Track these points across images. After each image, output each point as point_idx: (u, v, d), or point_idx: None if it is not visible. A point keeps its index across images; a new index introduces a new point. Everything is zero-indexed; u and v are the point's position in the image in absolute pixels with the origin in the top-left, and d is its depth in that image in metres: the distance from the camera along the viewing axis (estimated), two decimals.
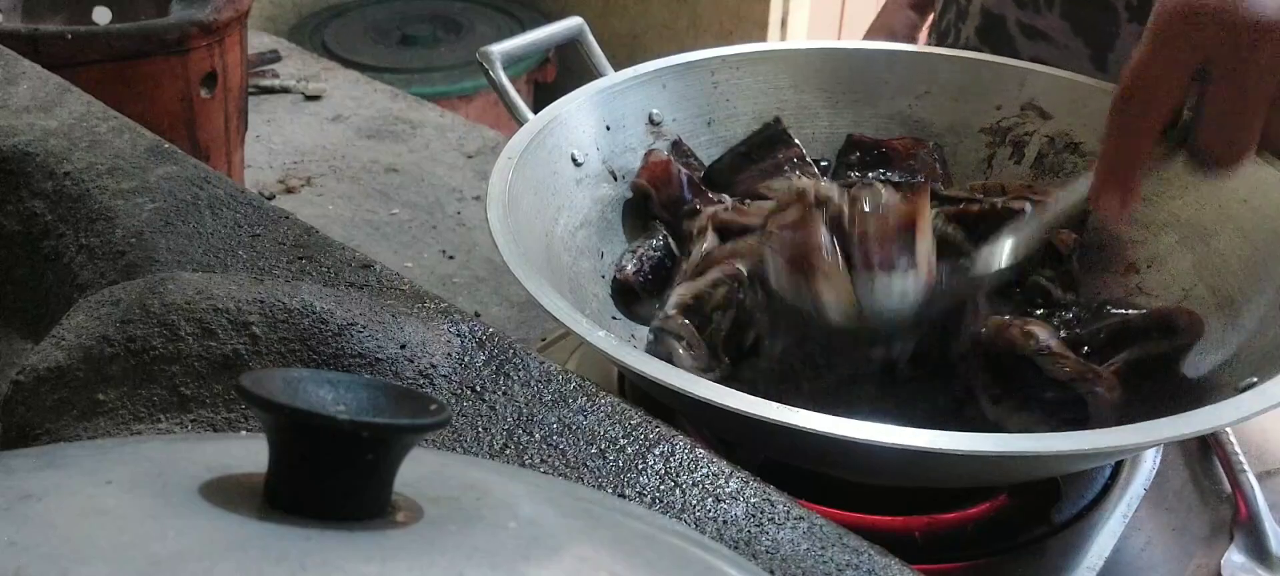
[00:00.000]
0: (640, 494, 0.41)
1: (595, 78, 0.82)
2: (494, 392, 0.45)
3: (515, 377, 0.46)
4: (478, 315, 0.66)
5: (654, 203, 0.79)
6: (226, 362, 0.43)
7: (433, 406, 0.25)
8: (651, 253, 0.75)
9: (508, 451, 0.43)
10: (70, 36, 0.77)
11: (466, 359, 0.47)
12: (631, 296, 0.74)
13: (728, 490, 0.41)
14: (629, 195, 0.80)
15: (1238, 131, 0.57)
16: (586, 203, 0.76)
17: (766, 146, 0.83)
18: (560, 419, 0.44)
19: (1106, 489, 0.65)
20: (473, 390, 0.45)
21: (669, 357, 0.63)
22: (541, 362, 0.47)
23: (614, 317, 0.74)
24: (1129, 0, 0.88)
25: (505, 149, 0.70)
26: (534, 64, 2.23)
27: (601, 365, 0.70)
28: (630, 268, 0.74)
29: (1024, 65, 0.85)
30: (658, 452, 0.43)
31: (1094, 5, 0.90)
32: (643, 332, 0.73)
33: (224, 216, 0.55)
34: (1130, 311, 0.67)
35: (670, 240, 0.77)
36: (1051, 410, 0.61)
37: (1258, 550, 0.63)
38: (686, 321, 0.66)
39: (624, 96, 0.81)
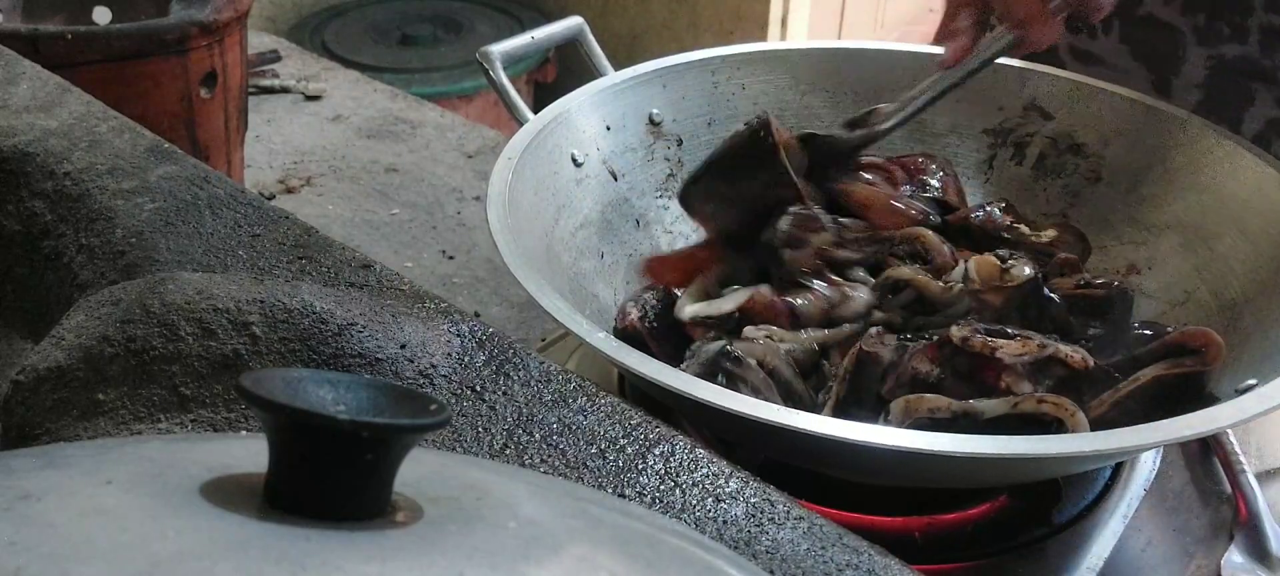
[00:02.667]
0: (640, 494, 0.41)
1: (595, 78, 0.82)
2: (494, 392, 0.45)
3: (515, 377, 0.46)
4: (478, 315, 0.66)
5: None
6: (226, 362, 0.43)
7: (433, 406, 0.25)
8: (653, 300, 0.71)
9: (508, 451, 0.43)
10: (70, 36, 0.77)
11: (466, 359, 0.47)
12: (640, 343, 0.68)
13: (728, 490, 0.41)
14: (628, 196, 0.80)
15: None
16: (586, 203, 0.76)
17: (748, 166, 0.73)
18: (560, 419, 0.44)
19: (1106, 489, 0.65)
20: (473, 390, 0.45)
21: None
22: (541, 362, 0.47)
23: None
24: (1196, 22, 0.86)
25: (505, 149, 0.70)
26: (534, 64, 2.23)
27: (601, 365, 0.70)
28: (634, 315, 0.70)
29: (1025, 65, 0.85)
30: (658, 452, 0.43)
31: (1156, 27, 0.87)
32: None
33: (224, 216, 0.55)
34: (1149, 333, 0.66)
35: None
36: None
37: (1258, 550, 0.63)
38: (764, 374, 0.63)
39: (624, 96, 0.81)
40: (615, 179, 0.79)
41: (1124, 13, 0.88)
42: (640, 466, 0.42)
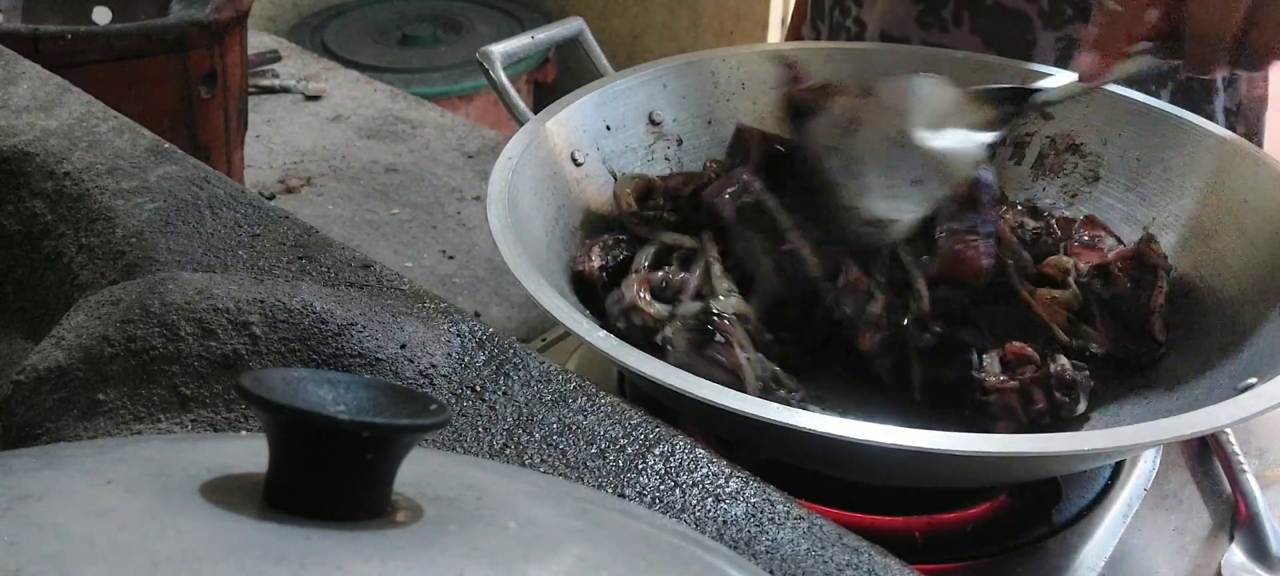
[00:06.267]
0: (640, 494, 0.41)
1: (595, 78, 0.82)
2: (494, 392, 0.45)
3: (515, 377, 0.46)
4: (478, 315, 0.66)
5: None
6: (226, 362, 0.43)
7: (433, 406, 0.25)
8: (618, 249, 0.72)
9: (508, 451, 0.43)
10: (70, 36, 0.76)
11: (466, 359, 0.47)
12: (591, 290, 0.70)
13: (728, 490, 0.41)
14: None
15: (1213, 35, 0.63)
16: (586, 203, 0.76)
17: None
18: (560, 419, 0.44)
19: (1106, 489, 0.65)
20: (473, 390, 0.45)
21: (729, 366, 0.62)
22: (541, 362, 0.47)
23: None
24: (1040, 6, 0.87)
25: (505, 149, 0.70)
26: (534, 64, 2.23)
27: (601, 365, 0.70)
28: (596, 261, 0.70)
29: (1027, 65, 0.85)
30: (658, 452, 0.43)
31: (1004, 15, 0.88)
32: None
33: (224, 216, 0.55)
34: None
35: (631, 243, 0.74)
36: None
37: (1258, 550, 0.63)
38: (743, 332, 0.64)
39: (624, 96, 0.81)
40: (615, 179, 0.79)
41: (972, 4, 0.90)
42: (640, 466, 0.42)
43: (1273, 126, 1.00)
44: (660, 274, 0.69)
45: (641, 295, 0.66)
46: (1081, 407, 0.63)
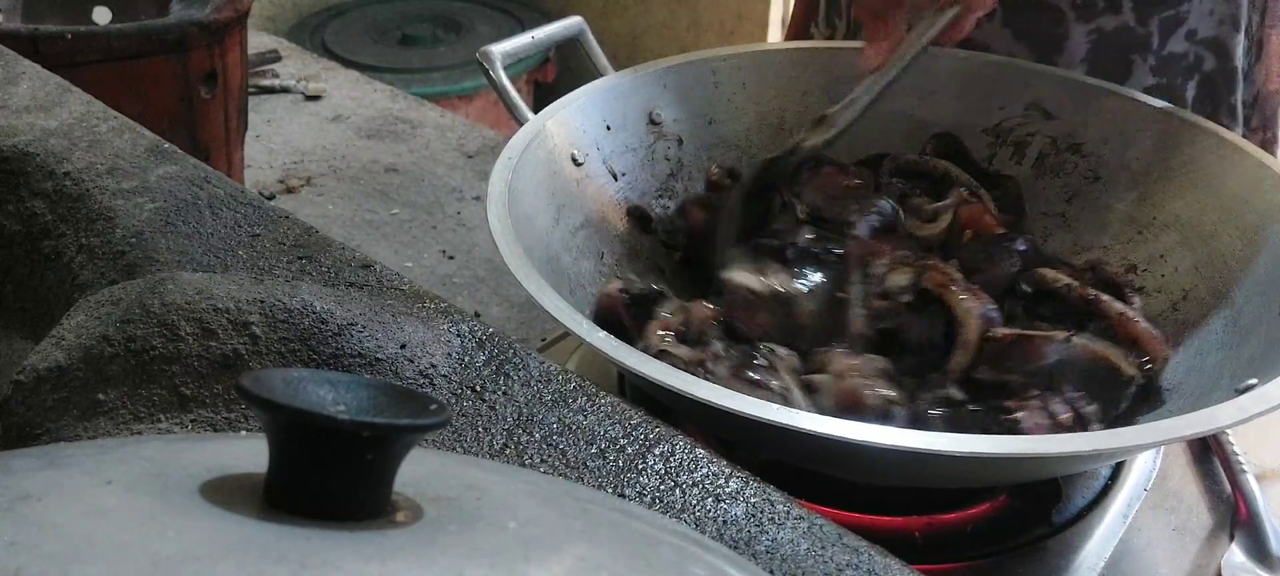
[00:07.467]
0: (640, 494, 0.41)
1: (595, 78, 0.82)
2: (494, 392, 0.45)
3: (515, 377, 0.46)
4: (478, 315, 0.66)
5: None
6: (226, 362, 0.43)
7: (433, 406, 0.25)
8: (641, 282, 0.71)
9: (508, 451, 0.43)
10: (70, 36, 0.77)
11: (466, 359, 0.47)
12: (614, 318, 0.68)
13: (728, 490, 0.41)
14: (629, 196, 0.80)
15: None
16: (586, 203, 0.76)
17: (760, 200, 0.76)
18: (560, 419, 0.44)
19: (1106, 489, 0.65)
20: (473, 390, 0.45)
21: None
22: (541, 362, 0.47)
23: None
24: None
25: (505, 149, 0.70)
26: (534, 64, 2.23)
27: (601, 365, 0.70)
28: (616, 286, 0.69)
29: (1028, 65, 0.85)
30: (658, 452, 0.43)
31: (1036, 7, 0.88)
32: None
33: (224, 216, 0.55)
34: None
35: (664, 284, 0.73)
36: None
37: (1258, 550, 0.63)
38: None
39: (624, 96, 0.81)
40: (615, 179, 0.79)
41: None
42: (640, 466, 0.42)
43: None
44: (681, 316, 0.68)
45: (667, 339, 0.65)
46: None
